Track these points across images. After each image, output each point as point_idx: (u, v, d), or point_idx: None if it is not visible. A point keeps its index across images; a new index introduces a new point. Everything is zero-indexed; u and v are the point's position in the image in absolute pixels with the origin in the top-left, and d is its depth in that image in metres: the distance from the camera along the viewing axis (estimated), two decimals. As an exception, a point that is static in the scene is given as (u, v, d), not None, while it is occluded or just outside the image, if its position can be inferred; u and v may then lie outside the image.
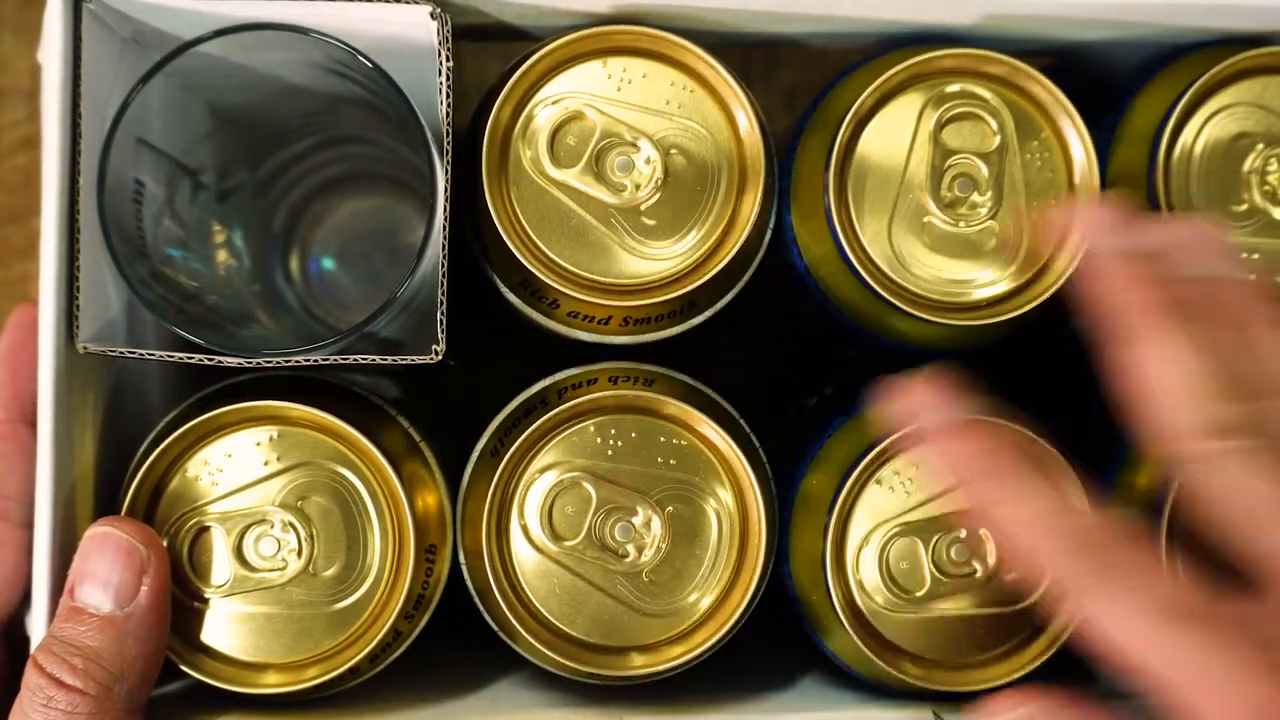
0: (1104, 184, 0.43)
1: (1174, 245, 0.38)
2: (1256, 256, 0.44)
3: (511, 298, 0.44)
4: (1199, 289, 0.37)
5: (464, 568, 0.44)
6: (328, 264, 0.54)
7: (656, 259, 0.42)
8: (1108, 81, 0.48)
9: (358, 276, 0.54)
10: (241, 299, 0.51)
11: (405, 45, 0.42)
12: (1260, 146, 0.43)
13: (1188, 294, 0.37)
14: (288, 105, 0.48)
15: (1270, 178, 0.43)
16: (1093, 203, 0.41)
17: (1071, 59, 0.48)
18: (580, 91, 0.42)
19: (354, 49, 0.41)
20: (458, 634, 0.46)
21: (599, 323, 0.43)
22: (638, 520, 0.42)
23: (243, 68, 0.44)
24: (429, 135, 0.41)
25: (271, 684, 0.42)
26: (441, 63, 0.41)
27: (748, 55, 0.51)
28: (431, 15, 0.41)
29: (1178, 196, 0.43)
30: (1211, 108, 0.44)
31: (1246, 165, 0.44)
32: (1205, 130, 0.44)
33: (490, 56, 0.51)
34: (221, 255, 0.50)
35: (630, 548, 0.42)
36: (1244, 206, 0.44)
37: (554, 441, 0.43)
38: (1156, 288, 0.37)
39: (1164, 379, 0.36)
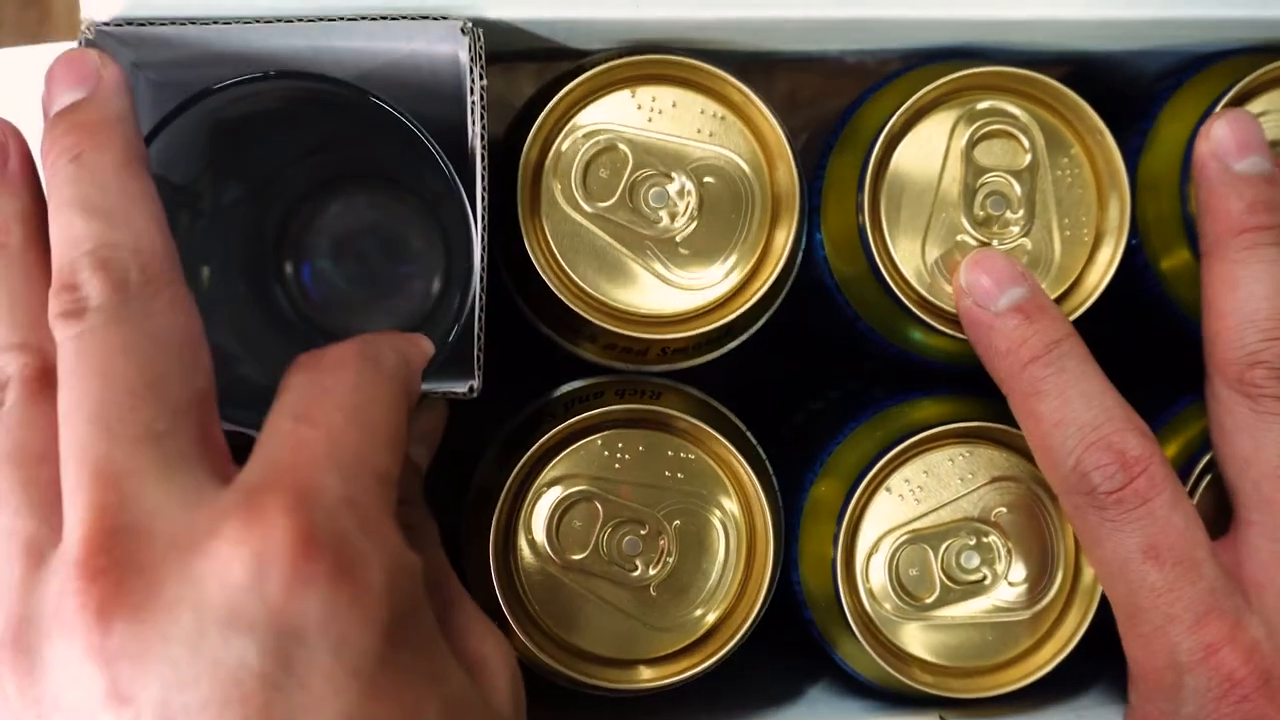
0: (1133, 193, 0.45)
1: None
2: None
3: (547, 332, 0.46)
4: None
5: (471, 585, 0.45)
6: (322, 266, 0.55)
7: (693, 289, 0.44)
8: (1125, 90, 0.50)
9: (354, 277, 0.55)
10: (231, 325, 0.51)
11: (434, 61, 0.43)
12: None
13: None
14: (294, 120, 0.48)
15: None
16: (1230, 118, 0.43)
17: (1090, 68, 0.50)
18: (610, 123, 0.44)
19: (388, 104, 0.41)
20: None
21: (636, 354, 0.45)
22: (645, 534, 0.45)
23: (252, 93, 0.44)
24: (453, 175, 0.42)
25: None
26: (474, 80, 0.42)
27: (768, 82, 0.52)
28: (462, 30, 0.41)
29: None
30: None
31: None
32: None
33: (523, 76, 0.52)
34: (208, 277, 0.50)
35: (638, 561, 0.45)
36: None
37: (561, 455, 0.45)
38: (1265, 213, 0.42)
39: (1234, 303, 0.41)
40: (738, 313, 0.43)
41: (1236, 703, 0.39)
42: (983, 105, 0.45)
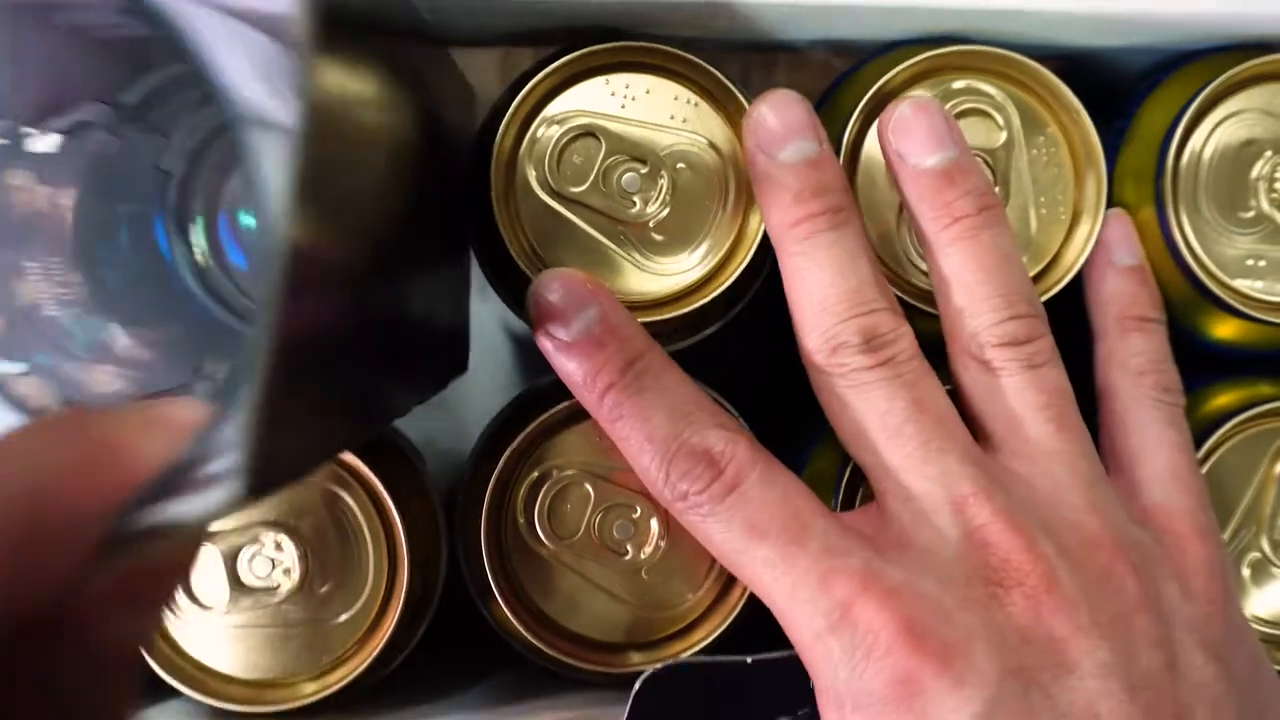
0: (1111, 187, 0.47)
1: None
2: (1263, 263, 0.47)
3: (523, 318, 0.46)
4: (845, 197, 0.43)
5: (463, 568, 0.47)
6: (248, 223, 0.44)
7: (667, 274, 0.45)
8: (1115, 86, 0.52)
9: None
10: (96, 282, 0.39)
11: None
12: (1268, 153, 0.47)
13: (837, 201, 0.43)
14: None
15: (1278, 184, 0.47)
16: (770, 104, 0.44)
17: (1079, 64, 0.51)
18: (584, 110, 0.45)
19: None
20: (459, 637, 0.50)
21: (611, 340, 0.46)
22: (636, 517, 0.46)
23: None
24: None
25: (272, 700, 0.46)
26: None
27: (746, 58, 0.53)
28: None
29: (1185, 201, 0.47)
30: (1220, 114, 0.47)
31: (1254, 172, 0.47)
32: (1214, 136, 0.47)
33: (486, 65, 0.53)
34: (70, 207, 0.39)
35: (629, 545, 0.46)
36: (1251, 213, 0.47)
37: (552, 440, 0.46)
38: (813, 199, 0.43)
39: (804, 294, 0.43)
40: (711, 297, 0.45)
41: (880, 660, 0.39)
42: (958, 84, 0.47)
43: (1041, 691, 0.39)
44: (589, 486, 0.46)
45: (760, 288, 0.48)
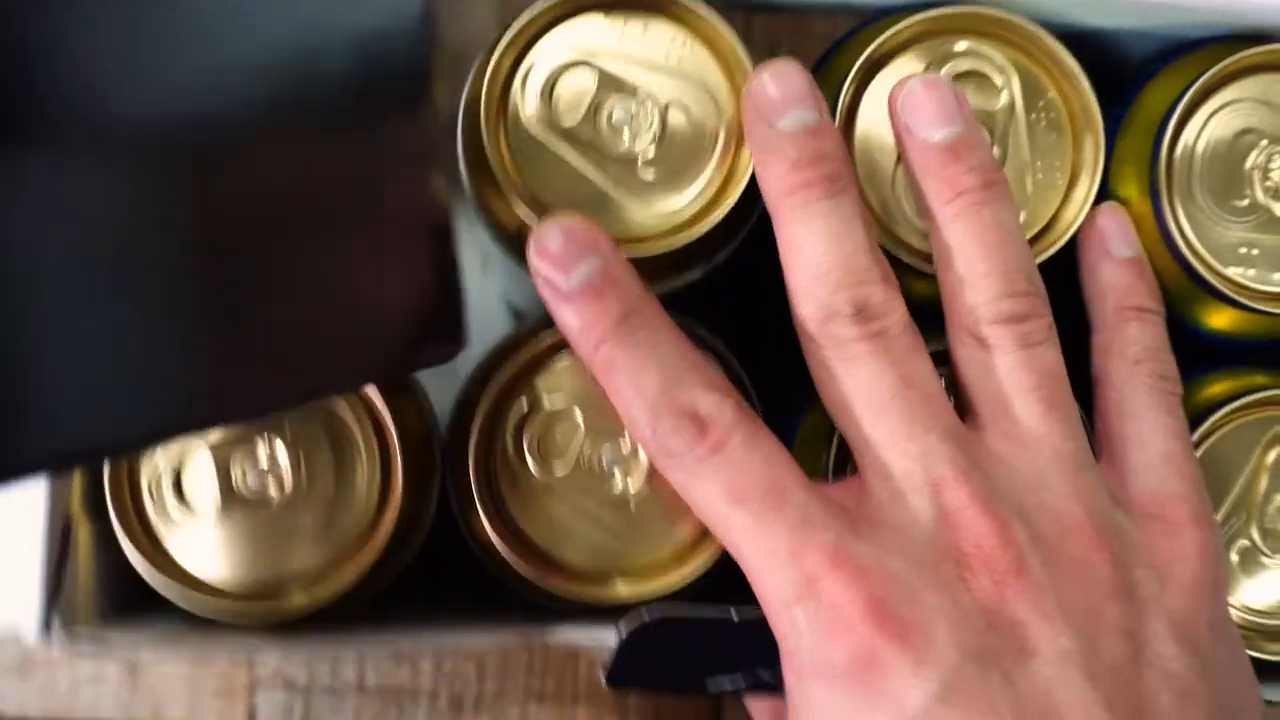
0: (1107, 173, 0.47)
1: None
2: (1256, 252, 0.48)
3: (508, 251, 0.48)
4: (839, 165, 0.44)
5: (450, 494, 0.48)
6: None
7: (654, 212, 0.46)
8: (1116, 75, 0.52)
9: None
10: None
11: None
12: (1264, 143, 0.47)
13: (835, 170, 0.43)
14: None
15: (1273, 174, 0.47)
16: (772, 73, 0.44)
17: (1079, 47, 0.50)
18: (581, 43, 0.46)
19: None
20: (448, 564, 0.50)
21: (596, 275, 0.47)
22: (626, 448, 0.47)
23: None
24: None
25: (261, 612, 0.47)
26: None
27: (749, 34, 0.54)
28: None
29: (1180, 190, 0.47)
30: (1216, 103, 0.47)
31: (1249, 161, 0.47)
32: (1209, 125, 0.47)
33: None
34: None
35: (617, 474, 0.47)
36: (1245, 202, 0.47)
37: (542, 371, 0.47)
38: (810, 167, 0.43)
39: (799, 263, 0.43)
40: (697, 235, 0.45)
41: (843, 635, 0.40)
42: (959, 46, 0.47)
43: (1002, 676, 0.39)
44: (579, 415, 0.47)
45: (751, 233, 0.48)
